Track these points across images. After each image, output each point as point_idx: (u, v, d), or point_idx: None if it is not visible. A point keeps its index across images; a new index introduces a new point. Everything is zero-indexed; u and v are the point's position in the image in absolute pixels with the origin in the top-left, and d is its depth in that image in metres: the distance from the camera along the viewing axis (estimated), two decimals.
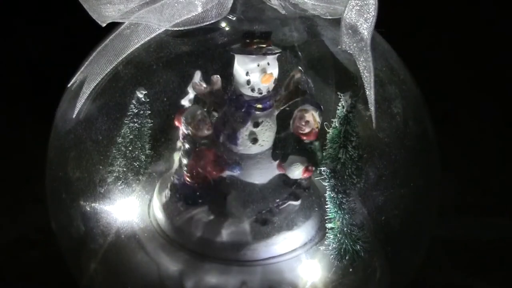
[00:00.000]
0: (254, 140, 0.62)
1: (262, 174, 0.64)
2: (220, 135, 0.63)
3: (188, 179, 0.63)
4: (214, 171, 0.62)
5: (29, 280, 0.80)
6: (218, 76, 0.62)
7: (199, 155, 0.62)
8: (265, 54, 0.59)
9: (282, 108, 0.64)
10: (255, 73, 0.60)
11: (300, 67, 0.63)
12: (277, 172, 0.64)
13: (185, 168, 0.62)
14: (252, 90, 0.61)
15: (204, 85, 0.63)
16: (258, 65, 0.59)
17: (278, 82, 0.62)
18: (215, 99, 0.63)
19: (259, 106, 0.61)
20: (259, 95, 0.61)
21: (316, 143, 0.63)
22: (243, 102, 0.62)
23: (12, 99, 1.15)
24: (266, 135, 0.63)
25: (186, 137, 0.62)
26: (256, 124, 0.62)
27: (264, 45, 0.59)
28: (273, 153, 0.64)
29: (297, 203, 0.65)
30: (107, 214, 0.63)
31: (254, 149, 0.63)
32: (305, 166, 0.62)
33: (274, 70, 0.61)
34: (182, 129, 0.62)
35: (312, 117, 0.62)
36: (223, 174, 0.62)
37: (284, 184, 0.65)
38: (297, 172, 0.63)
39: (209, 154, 0.62)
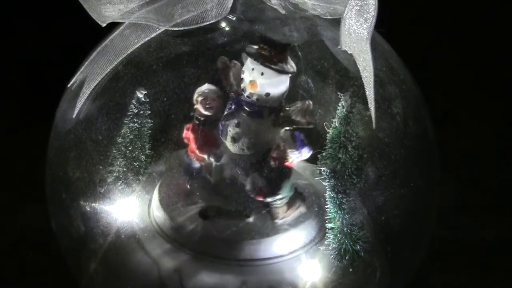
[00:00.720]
0: (233, 139, 0.62)
1: (233, 178, 0.64)
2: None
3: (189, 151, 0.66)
4: (198, 149, 0.65)
5: (29, 280, 0.80)
6: (238, 64, 0.63)
7: (193, 130, 0.65)
8: (257, 60, 0.58)
9: (285, 127, 0.62)
10: (246, 75, 0.60)
11: (310, 101, 0.61)
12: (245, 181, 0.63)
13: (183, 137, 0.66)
14: (243, 90, 0.61)
15: (230, 65, 0.63)
16: (253, 69, 0.59)
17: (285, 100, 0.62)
18: (226, 85, 0.63)
19: (247, 108, 0.61)
20: (248, 99, 0.61)
21: (282, 172, 0.62)
22: (238, 99, 0.62)
23: (12, 99, 1.15)
24: (245, 141, 0.62)
25: (194, 109, 0.65)
26: (238, 125, 0.61)
27: (270, 56, 0.58)
28: (252, 164, 0.63)
29: (248, 219, 0.64)
30: (107, 214, 0.63)
31: (234, 149, 0.63)
32: (257, 186, 0.62)
33: (264, 81, 0.59)
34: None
35: (284, 146, 0.61)
36: (206, 157, 0.65)
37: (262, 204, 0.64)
38: (249, 188, 0.62)
39: (198, 132, 0.64)
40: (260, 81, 0.59)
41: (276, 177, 0.62)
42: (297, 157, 0.61)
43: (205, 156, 0.65)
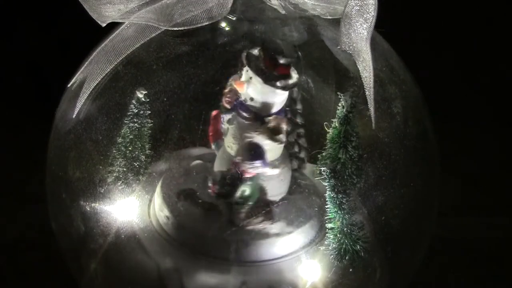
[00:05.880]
0: (224, 134, 0.65)
1: None
2: None
3: None
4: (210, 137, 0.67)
5: (29, 280, 0.80)
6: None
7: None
8: (248, 64, 0.59)
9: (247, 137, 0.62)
10: (242, 74, 0.60)
11: (285, 119, 0.62)
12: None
13: None
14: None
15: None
16: (247, 71, 0.59)
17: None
18: None
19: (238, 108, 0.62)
20: (242, 98, 0.61)
21: (234, 177, 0.62)
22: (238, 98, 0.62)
23: (12, 99, 1.15)
24: (229, 139, 0.64)
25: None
26: (228, 121, 0.63)
27: (262, 64, 0.59)
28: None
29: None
30: (107, 214, 0.63)
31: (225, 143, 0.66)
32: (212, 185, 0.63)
33: (249, 86, 0.59)
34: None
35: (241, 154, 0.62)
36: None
37: None
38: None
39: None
40: (246, 84, 0.59)
41: (230, 182, 0.62)
42: (249, 168, 0.61)
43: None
